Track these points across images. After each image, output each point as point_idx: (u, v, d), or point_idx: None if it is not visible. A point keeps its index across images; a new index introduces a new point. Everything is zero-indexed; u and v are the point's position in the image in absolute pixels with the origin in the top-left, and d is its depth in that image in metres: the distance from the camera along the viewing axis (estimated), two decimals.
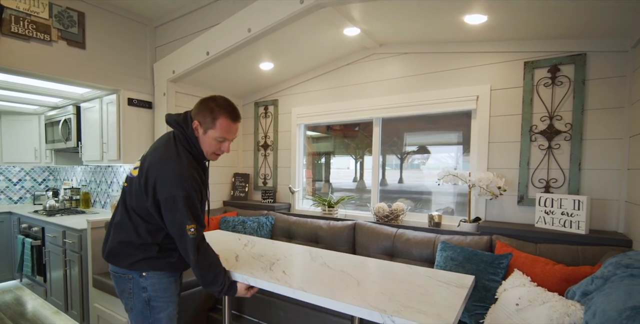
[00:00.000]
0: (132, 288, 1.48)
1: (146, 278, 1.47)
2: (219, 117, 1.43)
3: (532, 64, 2.29)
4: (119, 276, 1.50)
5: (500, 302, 1.67)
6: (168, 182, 1.35)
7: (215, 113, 1.42)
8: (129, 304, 1.50)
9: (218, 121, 1.43)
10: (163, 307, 1.51)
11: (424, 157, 2.99)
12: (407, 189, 3.02)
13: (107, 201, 3.86)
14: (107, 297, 2.31)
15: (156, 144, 1.52)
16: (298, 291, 1.26)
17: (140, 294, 1.48)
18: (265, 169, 3.67)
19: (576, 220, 2.02)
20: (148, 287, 1.47)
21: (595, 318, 1.22)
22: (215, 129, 1.43)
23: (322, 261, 1.64)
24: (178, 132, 1.48)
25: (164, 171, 1.37)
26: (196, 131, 1.45)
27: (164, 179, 1.36)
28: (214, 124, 1.43)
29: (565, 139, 2.20)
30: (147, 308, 1.48)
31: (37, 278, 3.31)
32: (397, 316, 1.07)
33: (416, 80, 2.73)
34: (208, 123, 1.43)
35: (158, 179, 1.36)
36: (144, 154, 1.53)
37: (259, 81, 3.34)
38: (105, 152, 3.06)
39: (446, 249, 2.08)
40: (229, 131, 1.46)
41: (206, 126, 1.44)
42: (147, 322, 1.49)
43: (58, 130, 3.54)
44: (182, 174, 1.37)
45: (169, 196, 1.33)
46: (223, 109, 1.44)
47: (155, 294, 1.49)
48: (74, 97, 3.32)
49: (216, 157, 1.55)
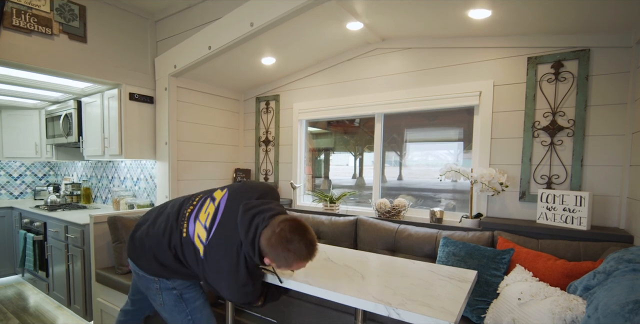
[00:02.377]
0: (159, 288, 1.48)
1: (174, 281, 1.48)
2: (295, 264, 1.27)
3: (535, 60, 2.28)
4: (142, 276, 1.50)
5: (502, 297, 1.68)
6: (230, 291, 1.33)
7: (290, 261, 1.25)
8: (158, 300, 1.50)
9: (293, 266, 1.28)
10: (197, 296, 1.53)
11: (423, 154, 2.99)
12: (406, 186, 3.02)
13: (108, 196, 3.86)
14: (110, 292, 2.32)
15: (228, 225, 1.34)
16: (303, 284, 1.26)
17: (170, 292, 1.48)
18: (266, 164, 3.67)
19: (578, 216, 2.02)
20: (177, 286, 1.49)
21: (597, 312, 1.23)
22: (290, 267, 1.29)
23: (325, 256, 1.65)
24: (243, 250, 1.31)
25: (222, 285, 1.33)
26: (266, 262, 1.31)
27: (223, 283, 1.32)
28: (288, 265, 1.28)
29: (567, 135, 2.20)
30: (181, 300, 1.49)
31: (39, 272, 3.32)
32: (402, 309, 1.07)
33: (419, 75, 2.72)
34: (282, 264, 1.28)
35: (217, 282, 1.33)
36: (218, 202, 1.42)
37: (260, 75, 3.34)
38: (106, 147, 3.06)
39: (448, 244, 2.08)
40: (299, 267, 1.30)
41: (280, 263, 1.28)
42: (183, 314, 1.49)
43: (59, 125, 3.53)
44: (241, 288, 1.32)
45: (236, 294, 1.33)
46: (299, 259, 1.25)
47: (185, 290, 1.50)
48: (75, 91, 3.31)
49: None
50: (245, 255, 1.28)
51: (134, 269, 1.54)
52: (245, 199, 1.36)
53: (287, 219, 1.25)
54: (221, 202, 1.39)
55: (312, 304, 2.09)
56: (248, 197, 1.39)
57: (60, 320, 2.89)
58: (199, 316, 1.51)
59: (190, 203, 1.48)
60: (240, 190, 1.45)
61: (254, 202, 1.35)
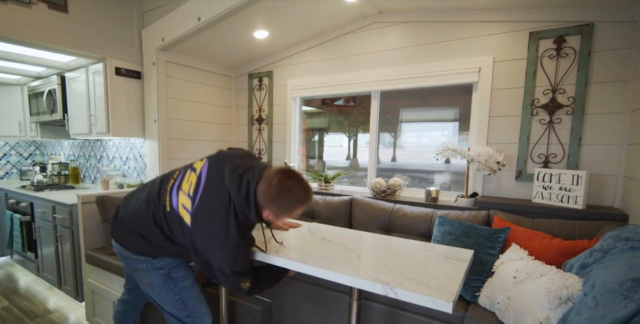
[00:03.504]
0: (146, 268, 1.45)
1: (160, 260, 1.45)
2: (296, 210, 1.30)
3: (537, 35, 2.21)
4: (128, 257, 1.46)
5: (497, 275, 1.67)
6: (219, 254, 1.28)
7: (292, 207, 1.29)
8: (146, 280, 1.47)
9: (294, 212, 1.31)
10: (185, 275, 1.50)
11: (416, 135, 2.94)
12: (399, 167, 2.98)
13: (97, 176, 3.78)
14: (101, 272, 2.28)
15: (213, 189, 1.31)
16: (299, 263, 1.23)
17: (157, 271, 1.45)
18: (260, 143, 3.60)
19: (574, 195, 2.01)
20: (164, 266, 1.45)
21: (594, 290, 1.22)
22: (289, 214, 1.32)
23: (321, 235, 1.61)
24: (236, 206, 1.29)
25: (211, 252, 1.29)
26: (264, 216, 1.32)
27: (225, 229, 1.25)
28: (289, 213, 1.31)
29: (567, 114, 2.17)
30: (169, 279, 1.46)
31: (28, 253, 3.27)
32: (399, 288, 1.05)
33: (417, 51, 2.64)
34: (282, 214, 1.31)
35: (206, 248, 1.29)
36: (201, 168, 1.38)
37: (253, 50, 3.20)
38: (93, 125, 2.95)
39: (444, 223, 2.07)
40: (299, 213, 1.34)
41: (280, 214, 1.31)
42: (172, 293, 1.47)
43: (42, 101, 3.39)
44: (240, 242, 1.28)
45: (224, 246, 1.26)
46: (301, 202, 1.29)
47: (173, 269, 1.47)
48: (58, 66, 3.15)
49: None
50: (238, 214, 1.27)
51: (119, 251, 1.49)
52: (228, 163, 1.34)
53: (280, 170, 1.28)
54: (202, 170, 1.36)
55: (306, 283, 2.08)
56: (230, 159, 1.37)
57: (51, 301, 2.87)
58: (187, 295, 1.49)
59: (170, 177, 1.45)
60: (220, 156, 1.42)
61: (238, 162, 1.35)
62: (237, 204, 1.26)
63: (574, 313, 1.23)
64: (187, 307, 1.49)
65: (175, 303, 1.47)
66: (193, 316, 1.50)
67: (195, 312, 1.50)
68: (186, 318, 1.50)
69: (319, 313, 2.04)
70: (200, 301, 1.53)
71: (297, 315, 2.13)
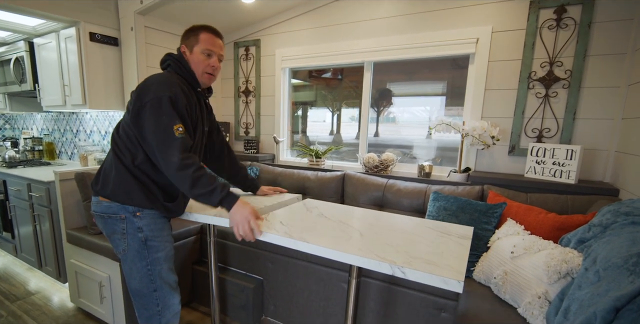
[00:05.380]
0: (125, 229, 1.41)
1: (141, 218, 1.42)
2: (201, 33, 1.48)
3: (538, 4, 2.14)
4: (108, 217, 1.42)
5: (494, 250, 1.68)
6: (153, 86, 1.33)
7: (196, 31, 1.49)
8: (122, 246, 1.43)
9: (200, 35, 1.48)
10: (160, 247, 1.46)
11: (399, 110, 2.87)
12: (382, 142, 2.93)
13: (74, 151, 3.58)
14: (84, 252, 2.19)
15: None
16: (300, 242, 1.17)
17: (135, 234, 1.42)
18: (247, 117, 3.46)
19: (567, 170, 2.01)
20: (144, 227, 1.42)
21: (596, 265, 1.22)
22: (199, 43, 1.47)
23: (318, 212, 1.56)
24: (169, 62, 1.49)
25: (148, 81, 1.37)
26: (185, 54, 1.49)
27: (148, 86, 1.34)
28: (197, 39, 1.47)
29: (563, 87, 2.14)
30: (144, 247, 1.43)
31: (4, 233, 3.12)
32: (407, 267, 1.01)
33: (412, 20, 2.51)
34: (192, 41, 1.48)
35: (142, 88, 1.35)
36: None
37: (239, 16, 3.00)
38: (67, 96, 2.74)
39: (439, 199, 2.05)
40: (212, 43, 1.49)
41: (191, 44, 1.48)
42: (144, 262, 1.43)
43: (10, 70, 3.12)
44: (169, 80, 1.36)
45: (153, 97, 1.31)
46: (203, 27, 1.50)
47: (151, 234, 1.44)
48: (25, 30, 2.86)
49: (209, 78, 1.53)
50: (174, 68, 1.47)
51: (99, 214, 1.44)
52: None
53: (185, 32, 1.52)
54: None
55: (299, 260, 2.06)
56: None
57: (32, 282, 2.77)
58: (158, 268, 1.45)
59: None
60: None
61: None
62: (168, 57, 1.50)
63: (574, 287, 1.23)
64: (155, 280, 1.45)
65: (145, 273, 1.43)
66: (160, 290, 1.46)
67: (162, 287, 1.46)
68: (153, 292, 1.46)
69: (313, 290, 2.03)
70: (168, 276, 1.49)
71: (290, 293, 2.12)
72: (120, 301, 2.03)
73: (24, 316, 2.27)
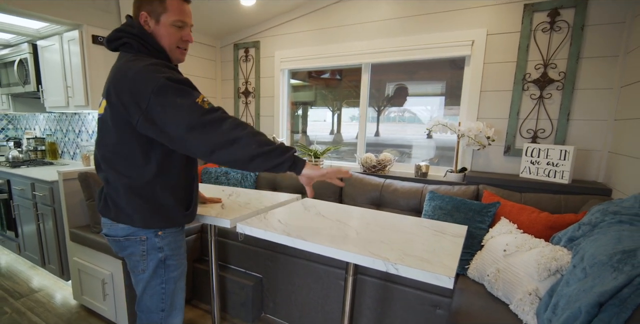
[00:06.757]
0: (145, 250, 1.32)
1: (162, 238, 1.32)
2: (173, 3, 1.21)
3: (532, 7, 2.18)
4: (125, 239, 1.31)
5: (487, 248, 1.72)
6: (140, 83, 1.08)
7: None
8: (140, 266, 1.35)
9: (167, 1, 1.20)
10: (177, 265, 1.40)
11: (400, 110, 2.91)
12: (383, 142, 2.97)
13: (76, 151, 3.63)
14: (86, 250, 2.23)
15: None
16: (297, 240, 1.22)
17: (156, 254, 1.33)
18: (246, 117, 3.50)
19: (561, 170, 2.05)
20: (165, 246, 1.34)
21: (583, 262, 1.26)
22: (168, 11, 1.21)
23: (316, 211, 1.60)
24: (126, 40, 1.20)
25: (129, 73, 1.10)
26: (147, 26, 1.22)
27: (137, 78, 1.09)
28: (164, 6, 1.20)
29: (557, 89, 2.18)
30: (163, 266, 1.36)
31: (7, 232, 3.16)
32: (401, 264, 1.05)
33: (409, 22, 2.56)
34: (157, 8, 1.20)
35: (130, 84, 1.09)
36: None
37: (239, 19, 3.04)
38: (70, 97, 2.78)
39: (435, 198, 2.09)
40: (183, 10, 1.24)
41: (156, 12, 1.21)
42: (159, 280, 1.37)
43: (13, 72, 3.16)
44: (152, 63, 1.13)
45: (152, 90, 1.06)
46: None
47: (171, 253, 1.36)
48: (29, 33, 2.91)
49: (183, 54, 1.35)
50: (137, 48, 1.21)
51: (114, 237, 1.34)
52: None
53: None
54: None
55: (298, 258, 2.10)
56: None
57: (35, 280, 2.81)
58: (172, 286, 1.40)
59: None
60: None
61: None
62: (121, 33, 1.21)
63: (563, 284, 1.28)
64: (167, 299, 1.40)
65: (158, 291, 1.38)
66: (167, 310, 1.42)
67: (170, 308, 1.42)
68: (160, 312, 1.40)
69: (311, 288, 2.08)
70: (179, 297, 1.46)
71: (289, 290, 2.16)
72: (122, 298, 2.08)
73: (27, 313, 2.32)
